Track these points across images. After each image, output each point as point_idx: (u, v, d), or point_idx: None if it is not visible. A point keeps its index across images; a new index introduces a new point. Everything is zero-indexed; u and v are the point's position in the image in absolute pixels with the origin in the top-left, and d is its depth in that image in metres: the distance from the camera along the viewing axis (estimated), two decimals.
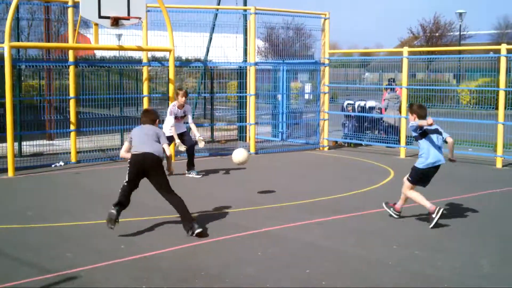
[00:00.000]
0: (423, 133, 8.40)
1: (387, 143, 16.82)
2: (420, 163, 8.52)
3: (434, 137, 8.42)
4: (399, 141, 16.05)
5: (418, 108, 8.51)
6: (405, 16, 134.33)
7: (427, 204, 8.35)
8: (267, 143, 17.53)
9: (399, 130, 16.10)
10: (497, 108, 14.44)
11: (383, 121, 17.41)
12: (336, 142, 18.05)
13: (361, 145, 17.55)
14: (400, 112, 16.24)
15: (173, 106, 12.24)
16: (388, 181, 12.04)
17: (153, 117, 8.21)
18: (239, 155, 10.47)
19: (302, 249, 7.19)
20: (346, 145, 17.74)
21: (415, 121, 8.34)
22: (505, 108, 14.21)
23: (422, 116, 8.37)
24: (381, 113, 17.52)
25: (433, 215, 8.17)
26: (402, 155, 15.64)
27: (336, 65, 19.13)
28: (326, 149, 17.00)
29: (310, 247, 7.28)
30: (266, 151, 16.24)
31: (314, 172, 13.29)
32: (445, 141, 8.54)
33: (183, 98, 12.14)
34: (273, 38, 19.73)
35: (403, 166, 14.07)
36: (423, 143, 8.45)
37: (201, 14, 15.92)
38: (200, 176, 12.31)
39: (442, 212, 8.19)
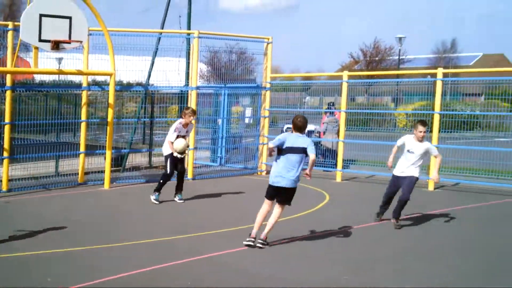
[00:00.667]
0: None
1: (325, 166, 17.05)
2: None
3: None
4: (336, 164, 16.30)
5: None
6: (347, 41, 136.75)
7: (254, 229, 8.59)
8: (205, 168, 17.47)
9: (337, 154, 16.36)
10: (431, 131, 14.85)
11: (321, 145, 17.67)
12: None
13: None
14: (338, 136, 16.52)
15: (179, 123, 12.19)
16: (323, 205, 12.21)
17: None
18: (178, 144, 11.87)
19: (237, 276, 7.21)
20: None
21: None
22: (439, 131, 14.62)
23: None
24: (319, 137, 17.79)
25: (247, 239, 8.49)
26: (338, 178, 15.89)
27: (277, 89, 19.37)
28: (264, 173, 17.11)
29: (244, 274, 7.30)
30: (204, 177, 16.23)
31: (251, 197, 13.32)
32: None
33: (191, 117, 12.27)
34: (215, 62, 19.82)
35: (339, 190, 14.33)
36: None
37: (144, 38, 15.88)
38: (182, 201, 12.30)
39: (250, 243, 8.42)
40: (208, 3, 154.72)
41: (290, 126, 18.00)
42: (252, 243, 8.45)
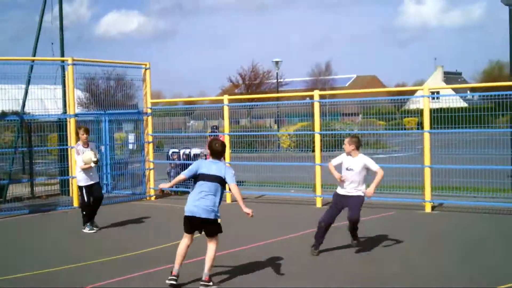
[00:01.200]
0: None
1: None
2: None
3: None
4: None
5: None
6: (226, 65, 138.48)
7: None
8: None
9: None
10: (314, 151, 15.21)
11: None
12: (163, 191, 17.88)
13: (188, 192, 17.49)
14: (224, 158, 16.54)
15: (77, 145, 12.08)
16: None
17: None
18: (85, 156, 11.60)
19: None
20: (173, 193, 17.69)
21: None
22: (321, 150, 15.00)
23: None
24: (206, 159, 17.73)
25: (169, 278, 7.60)
26: (228, 200, 15.89)
27: (160, 114, 19.16)
28: (153, 198, 16.84)
29: None
30: None
31: (140, 223, 13.05)
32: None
33: (84, 135, 11.94)
34: (93, 89, 19.34)
35: (228, 211, 14.30)
36: None
37: (17, 66, 15.28)
38: (94, 231, 11.82)
39: (172, 282, 7.54)
40: (83, 30, 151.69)
41: (176, 150, 18.16)
42: (174, 282, 7.54)
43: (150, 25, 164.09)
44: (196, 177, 7.74)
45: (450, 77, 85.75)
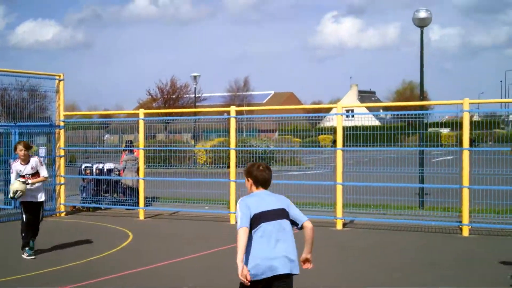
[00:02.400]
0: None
1: (127, 205, 16.74)
2: None
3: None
4: (138, 202, 16.06)
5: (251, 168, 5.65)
6: (144, 78, 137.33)
7: None
8: None
9: (138, 192, 16.14)
10: (229, 167, 15.21)
11: (122, 183, 17.34)
12: (74, 207, 17.49)
13: (100, 208, 17.22)
14: (138, 174, 16.33)
15: (13, 162, 10.77)
16: (126, 244, 11.92)
17: None
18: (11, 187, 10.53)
19: None
20: (84, 209, 17.26)
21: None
22: (236, 166, 15.02)
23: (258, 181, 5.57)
24: (119, 175, 17.45)
25: None
26: (141, 216, 15.66)
27: (74, 127, 18.73)
28: (63, 214, 16.38)
29: None
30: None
31: (49, 240, 12.65)
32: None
33: (22, 151, 10.52)
34: (5, 100, 18.69)
35: (142, 228, 14.11)
36: None
37: None
38: (33, 257, 10.50)
39: None
40: None
41: (89, 165, 17.79)
42: None
43: (66, 36, 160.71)
44: (252, 223, 5.28)
45: (365, 95, 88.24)
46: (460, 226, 12.81)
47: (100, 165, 17.69)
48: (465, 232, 12.54)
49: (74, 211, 17.16)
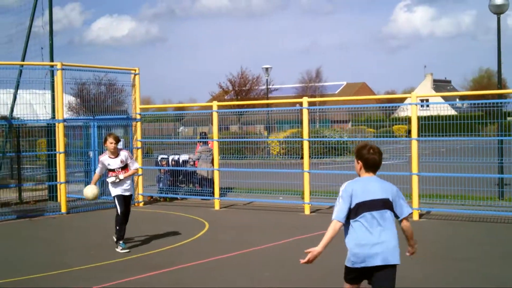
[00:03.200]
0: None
1: (202, 195, 17.01)
2: None
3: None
4: (213, 193, 16.29)
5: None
6: (216, 72, 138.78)
7: None
8: (80, 202, 16.85)
9: (213, 182, 16.37)
10: (302, 158, 15.20)
11: (197, 174, 17.63)
12: (152, 197, 17.92)
13: (176, 199, 17.58)
14: (213, 165, 16.56)
15: (102, 156, 10.70)
16: (203, 234, 12.13)
17: None
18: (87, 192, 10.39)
19: None
20: (161, 199, 17.66)
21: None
22: (309, 157, 15.01)
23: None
24: (194, 166, 17.74)
25: None
26: (217, 206, 15.88)
27: (150, 120, 19.16)
28: (141, 204, 16.81)
29: None
30: (79, 210, 15.70)
31: (129, 228, 13.01)
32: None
33: (112, 144, 10.43)
34: (84, 94, 19.29)
35: (217, 218, 14.31)
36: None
37: (5, 71, 15.23)
38: (127, 250, 10.33)
39: None
40: (74, 35, 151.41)
41: (165, 156, 18.16)
42: None
43: (141, 31, 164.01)
44: (352, 212, 5.20)
45: (440, 84, 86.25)
46: None
47: (176, 157, 18.04)
48: None
49: (151, 201, 17.58)
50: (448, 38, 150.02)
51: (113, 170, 10.56)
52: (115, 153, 10.57)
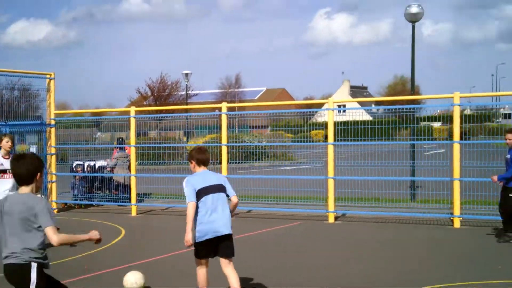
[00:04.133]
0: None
1: (118, 201, 16.72)
2: None
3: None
4: (130, 199, 16.04)
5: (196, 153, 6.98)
6: (134, 77, 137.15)
7: None
8: None
9: (130, 188, 16.12)
10: (221, 163, 15.20)
11: (113, 180, 17.31)
12: (66, 204, 17.46)
13: (92, 205, 17.20)
14: (130, 171, 16.31)
15: None
16: (118, 240, 11.91)
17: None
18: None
19: None
20: (76, 206, 17.24)
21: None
22: (228, 162, 15.02)
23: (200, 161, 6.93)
24: (111, 172, 17.41)
25: None
26: (134, 212, 15.64)
27: (66, 126, 18.67)
28: (56, 211, 16.34)
29: None
30: None
31: None
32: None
33: (9, 143, 10.23)
34: None
35: (134, 224, 14.10)
36: None
37: None
38: None
39: None
40: None
41: (80, 162, 17.73)
42: None
43: (58, 35, 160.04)
44: (199, 194, 6.70)
45: (356, 91, 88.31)
46: (452, 218, 12.85)
47: (92, 163, 17.68)
48: (456, 224, 12.59)
49: (65, 208, 17.13)
50: (365, 46, 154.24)
51: (5, 171, 10.16)
52: (9, 155, 10.25)
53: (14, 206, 5.10)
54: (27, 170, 5.12)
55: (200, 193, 6.65)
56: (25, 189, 5.18)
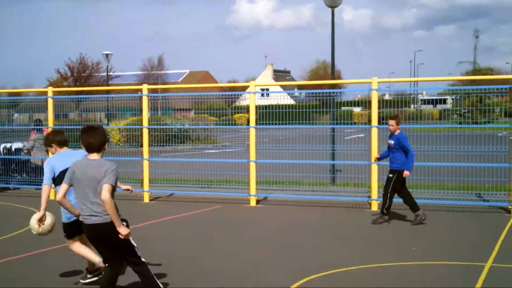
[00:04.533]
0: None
1: (37, 185, 16.27)
2: None
3: None
4: None
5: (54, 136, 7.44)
6: (55, 57, 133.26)
7: (96, 259, 7.23)
8: None
9: None
10: (142, 146, 15.01)
11: (31, 163, 16.83)
12: None
13: (9, 188, 16.68)
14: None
15: None
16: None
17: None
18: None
19: None
20: None
21: None
22: (149, 145, 14.86)
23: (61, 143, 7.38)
24: (29, 154, 16.93)
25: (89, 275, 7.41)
26: (52, 196, 15.26)
27: None
28: None
29: None
30: None
31: None
32: None
33: None
34: None
35: (53, 207, 13.76)
36: None
37: None
38: None
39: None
40: None
41: (6, 145, 17.11)
42: None
43: None
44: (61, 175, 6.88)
45: (280, 75, 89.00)
46: (369, 201, 13.18)
47: (8, 145, 17.11)
48: (374, 207, 12.91)
49: None
50: (288, 30, 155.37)
51: None
52: None
53: (88, 170, 5.96)
54: (99, 140, 6.05)
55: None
56: (95, 156, 6.07)
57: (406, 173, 11.18)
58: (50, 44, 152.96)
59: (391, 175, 11.31)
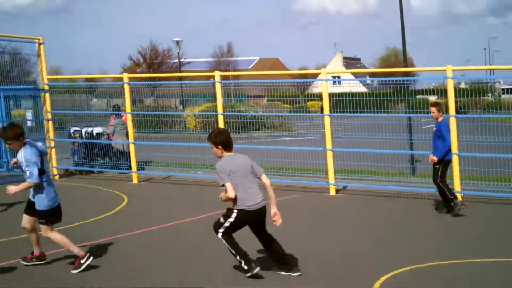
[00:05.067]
0: None
1: (119, 169, 16.73)
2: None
3: None
4: (130, 166, 16.03)
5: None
6: (126, 43, 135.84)
7: (75, 249, 7.58)
8: None
9: (129, 156, 16.10)
10: None
11: (112, 147, 17.30)
12: (67, 170, 17.47)
13: (93, 172, 17.22)
14: (128, 138, 16.31)
15: None
16: (122, 208, 11.98)
17: None
18: None
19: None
20: (77, 173, 17.27)
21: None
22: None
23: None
24: (109, 139, 17.40)
25: (82, 261, 7.47)
26: (135, 180, 15.68)
27: (60, 91, 18.58)
28: (57, 177, 16.36)
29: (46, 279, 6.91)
30: None
31: None
32: None
33: None
34: None
35: (136, 192, 14.15)
36: None
37: None
38: None
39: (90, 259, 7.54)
40: None
41: (77, 129, 17.64)
42: None
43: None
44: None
45: (350, 62, 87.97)
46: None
47: (89, 129, 17.67)
48: (457, 198, 12.58)
49: (67, 174, 17.16)
50: (355, 16, 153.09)
51: None
52: None
53: (239, 165, 7.11)
54: (231, 139, 7.30)
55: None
56: (233, 152, 7.30)
57: (433, 158, 10.99)
58: (121, 31, 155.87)
59: (437, 166, 11.08)
